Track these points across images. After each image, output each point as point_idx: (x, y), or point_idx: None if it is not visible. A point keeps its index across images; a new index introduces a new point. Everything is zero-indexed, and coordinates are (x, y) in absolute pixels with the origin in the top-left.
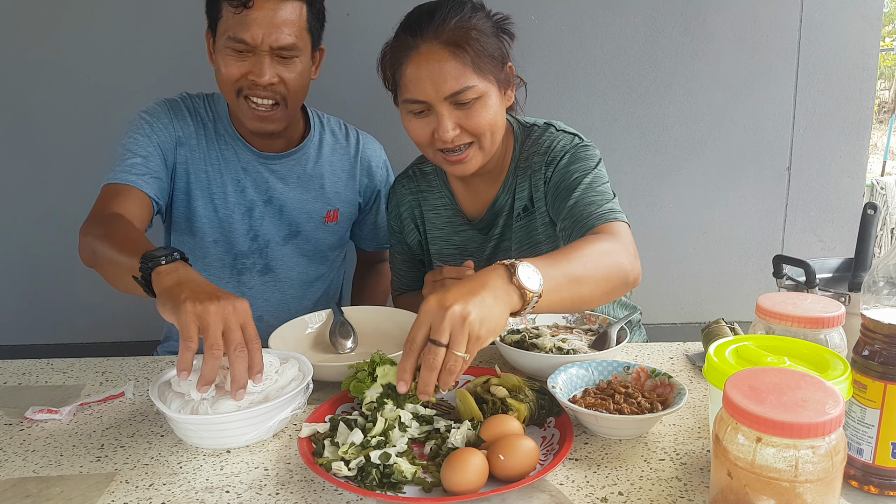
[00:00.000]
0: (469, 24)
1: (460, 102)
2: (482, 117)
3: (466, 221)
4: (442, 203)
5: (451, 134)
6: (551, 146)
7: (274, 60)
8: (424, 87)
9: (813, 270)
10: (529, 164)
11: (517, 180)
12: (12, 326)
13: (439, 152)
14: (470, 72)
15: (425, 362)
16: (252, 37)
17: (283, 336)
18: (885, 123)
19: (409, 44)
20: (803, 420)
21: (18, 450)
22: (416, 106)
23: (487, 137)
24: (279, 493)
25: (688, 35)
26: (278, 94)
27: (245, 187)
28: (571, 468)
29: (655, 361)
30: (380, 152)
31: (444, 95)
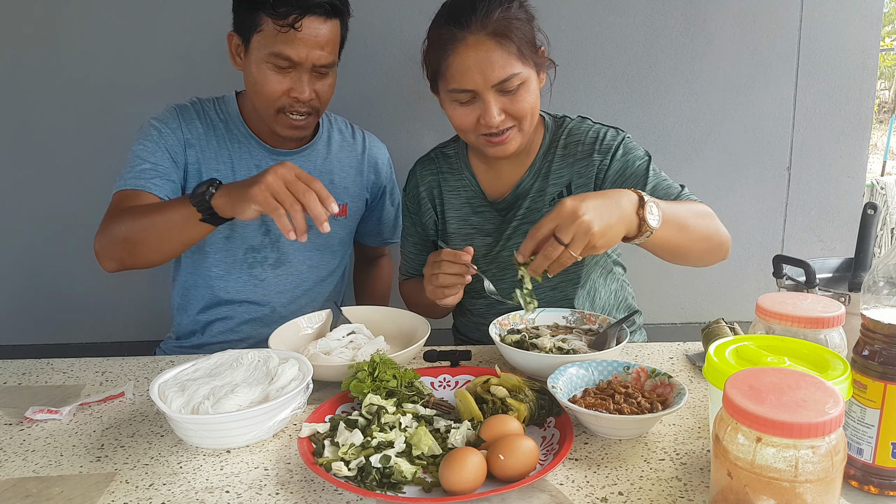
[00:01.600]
0: (510, 15)
1: (506, 89)
2: (526, 101)
3: (486, 202)
4: (462, 184)
5: (498, 119)
6: (599, 137)
7: (312, 77)
8: (472, 76)
9: (813, 270)
10: (570, 153)
11: (551, 166)
12: (12, 326)
13: (482, 136)
14: (514, 59)
15: (544, 252)
16: (298, 55)
17: (282, 336)
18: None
19: (455, 35)
20: (803, 420)
21: (18, 450)
22: (462, 95)
23: (528, 120)
24: (279, 493)
25: (688, 35)
26: (313, 108)
27: None
28: (571, 468)
29: (655, 361)
30: (384, 150)
31: (491, 83)
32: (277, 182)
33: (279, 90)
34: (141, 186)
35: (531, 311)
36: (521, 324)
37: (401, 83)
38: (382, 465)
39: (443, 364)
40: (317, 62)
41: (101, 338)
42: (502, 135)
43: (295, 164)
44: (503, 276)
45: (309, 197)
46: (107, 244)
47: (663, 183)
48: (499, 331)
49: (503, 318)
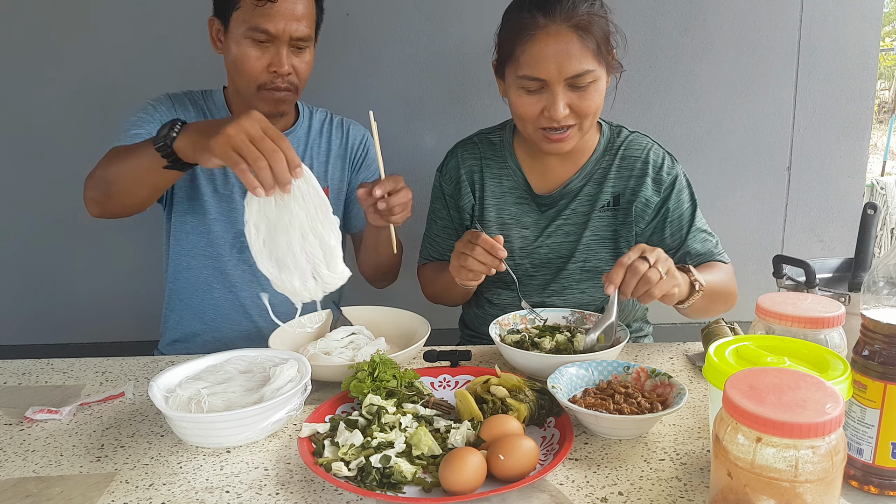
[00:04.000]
0: (594, 11)
1: (577, 85)
2: (593, 100)
3: (528, 195)
4: (505, 173)
5: (563, 113)
6: (657, 163)
7: (290, 51)
8: (547, 65)
9: (813, 270)
10: (627, 165)
11: (607, 174)
12: (12, 326)
13: (540, 130)
14: (591, 56)
15: (631, 269)
16: (275, 28)
17: (282, 336)
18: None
19: (538, 22)
20: (803, 420)
21: (18, 450)
22: (532, 83)
23: (590, 120)
24: (279, 493)
25: (688, 35)
26: (292, 84)
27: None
28: (571, 468)
29: (655, 361)
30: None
31: (565, 76)
32: (240, 135)
33: (259, 66)
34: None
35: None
36: (520, 324)
37: (400, 83)
38: (382, 465)
39: (443, 364)
40: (294, 34)
41: (101, 338)
42: (564, 132)
43: (264, 117)
44: (536, 273)
45: (275, 156)
46: (90, 187)
47: (700, 235)
48: (499, 331)
49: (503, 318)
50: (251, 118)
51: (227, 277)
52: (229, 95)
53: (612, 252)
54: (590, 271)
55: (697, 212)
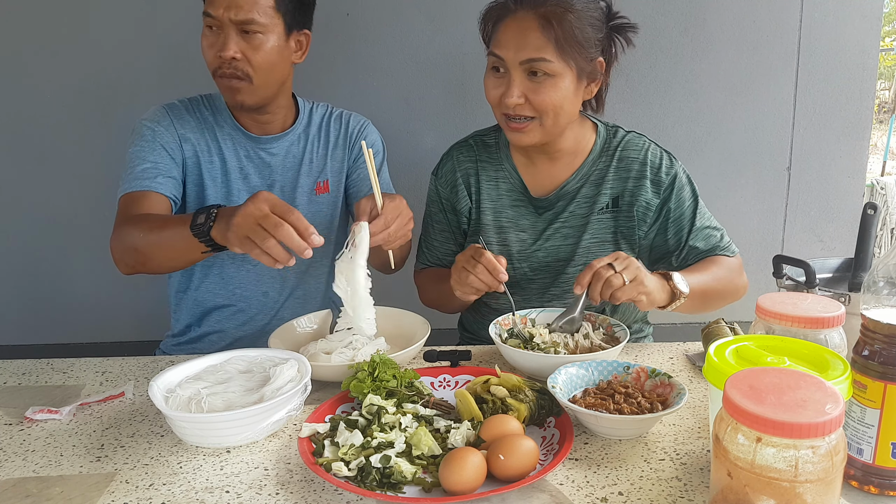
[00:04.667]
0: (568, 6)
1: (532, 72)
2: (548, 95)
3: (525, 198)
4: (501, 175)
5: (514, 100)
6: (656, 164)
7: (238, 36)
8: (507, 46)
9: (813, 270)
10: (625, 167)
11: (605, 175)
12: (12, 326)
13: (504, 116)
14: (551, 48)
15: (596, 274)
16: (216, 11)
17: (283, 336)
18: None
19: (509, 7)
20: (803, 420)
21: (18, 450)
22: (494, 59)
23: (549, 117)
24: (279, 493)
25: (688, 35)
26: (241, 71)
27: (248, 174)
28: (571, 468)
29: (655, 361)
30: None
31: (519, 60)
32: (247, 222)
33: (212, 52)
34: (145, 187)
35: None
36: (520, 323)
37: (400, 83)
38: (382, 465)
39: (443, 364)
40: (234, 17)
41: (101, 338)
42: (521, 121)
43: (271, 194)
44: (535, 277)
45: (281, 231)
46: (121, 251)
47: (703, 233)
48: (499, 331)
49: (503, 317)
50: (256, 200)
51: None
52: None
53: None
54: None
55: (700, 208)
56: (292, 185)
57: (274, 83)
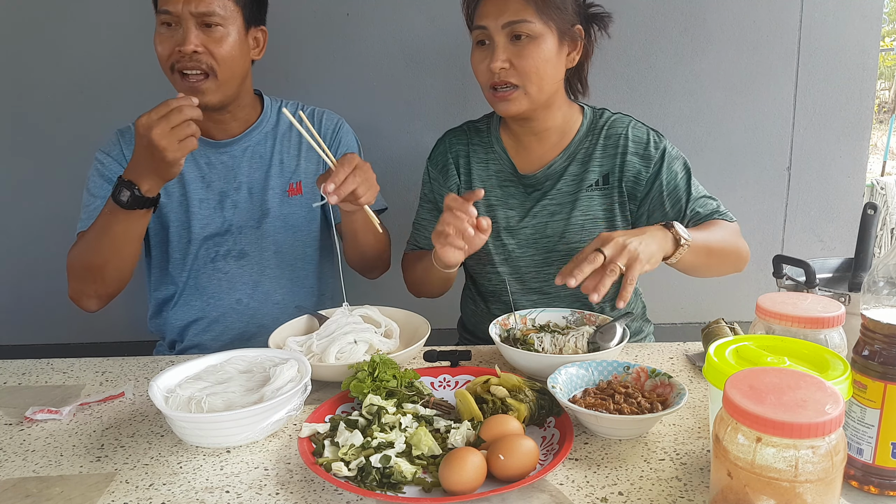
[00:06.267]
0: None
1: (515, 35)
2: (532, 58)
3: (514, 176)
4: (492, 157)
5: (500, 64)
6: (643, 140)
7: (199, 29)
8: (488, 13)
9: (813, 270)
10: (612, 144)
11: (591, 153)
12: (12, 326)
13: (490, 90)
14: (531, 10)
15: (587, 260)
16: (174, 7)
17: (283, 336)
18: (885, 123)
19: None
20: (803, 420)
21: (18, 450)
22: (478, 32)
23: (534, 83)
24: (279, 493)
25: (688, 35)
26: (205, 64)
27: (212, 182)
28: (571, 468)
29: (655, 361)
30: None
31: (501, 24)
32: (149, 132)
33: (167, 48)
34: None
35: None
36: (520, 324)
37: (401, 83)
38: (382, 465)
39: (443, 364)
40: (194, 10)
41: (101, 338)
42: (507, 89)
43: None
44: (522, 255)
45: (174, 115)
46: (77, 286)
47: (700, 201)
48: (499, 331)
49: (503, 317)
50: (141, 124)
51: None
52: None
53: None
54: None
55: (693, 179)
56: (261, 186)
57: (236, 79)
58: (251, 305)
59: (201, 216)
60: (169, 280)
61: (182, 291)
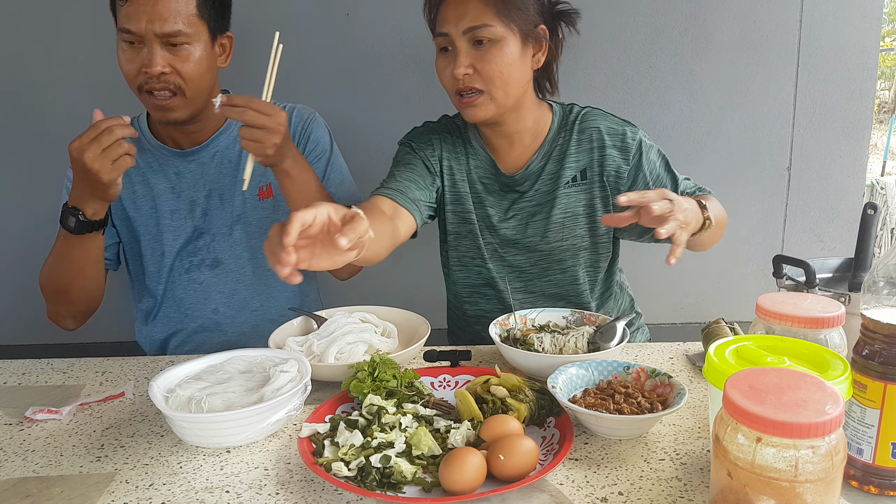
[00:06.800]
0: None
1: (477, 41)
2: (495, 62)
3: (493, 174)
4: (471, 152)
5: (463, 70)
6: (617, 133)
7: (164, 49)
8: (448, 19)
9: (813, 270)
10: (586, 138)
11: (566, 150)
12: (12, 326)
13: (456, 96)
14: (491, 13)
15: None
16: (136, 27)
17: (282, 336)
18: (885, 123)
19: None
20: (803, 420)
21: (18, 450)
22: (441, 39)
23: (498, 87)
24: (279, 493)
25: (688, 35)
26: (172, 85)
27: (182, 191)
28: (571, 468)
29: (655, 361)
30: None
31: (462, 29)
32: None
33: (133, 68)
34: None
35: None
36: (520, 324)
37: (401, 83)
38: (382, 465)
39: (443, 364)
40: (158, 31)
41: (101, 338)
42: (472, 95)
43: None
44: (505, 254)
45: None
46: (51, 307)
47: (685, 183)
48: (499, 331)
49: (503, 317)
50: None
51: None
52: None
53: (588, 228)
54: (568, 249)
55: (670, 164)
56: (231, 191)
57: (205, 92)
58: (228, 314)
59: (173, 227)
60: (147, 293)
61: (161, 304)
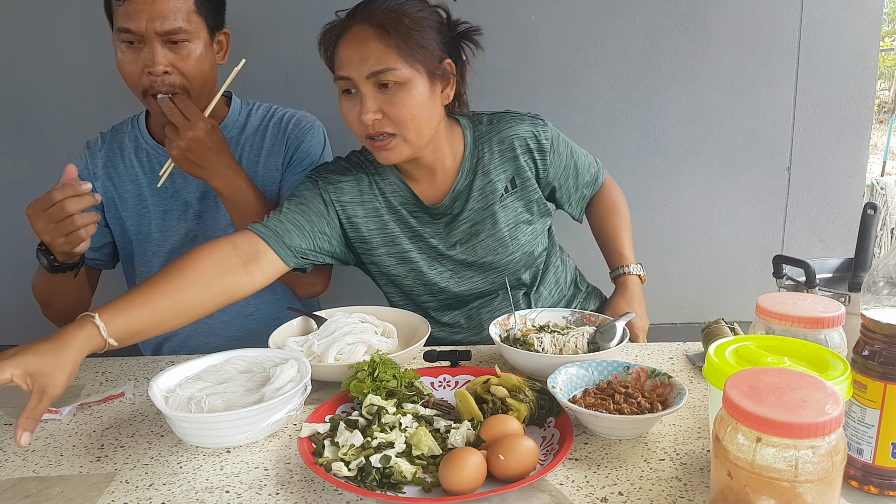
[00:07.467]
0: (402, 11)
1: (382, 83)
2: (404, 106)
3: (419, 207)
4: (390, 189)
5: (371, 116)
6: (532, 136)
7: (165, 48)
8: (350, 63)
9: (813, 270)
10: (508, 147)
11: (490, 161)
12: (12, 326)
13: (367, 139)
14: (394, 55)
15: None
16: (137, 26)
17: (282, 336)
18: (885, 123)
19: (343, 25)
20: (803, 420)
21: (18, 450)
22: (343, 83)
23: (411, 129)
24: (279, 493)
25: (688, 35)
26: (176, 86)
27: (177, 190)
28: (571, 468)
29: (655, 361)
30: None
31: (365, 74)
32: (33, 225)
33: (136, 69)
34: None
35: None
36: (520, 324)
37: None
38: (382, 465)
39: (443, 364)
40: (159, 30)
41: None
42: (384, 139)
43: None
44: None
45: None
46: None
47: (585, 172)
48: (499, 331)
49: (503, 317)
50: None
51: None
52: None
53: (532, 234)
54: (528, 254)
55: (573, 146)
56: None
57: (206, 90)
58: (223, 319)
59: (165, 227)
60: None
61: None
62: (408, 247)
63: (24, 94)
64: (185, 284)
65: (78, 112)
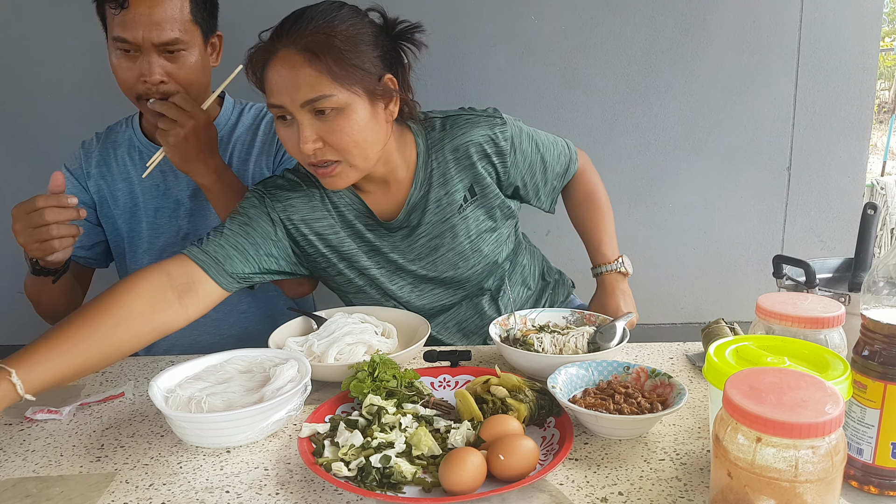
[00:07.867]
0: (332, 31)
1: (318, 110)
2: (345, 132)
3: (375, 222)
4: (344, 203)
5: (311, 146)
6: (491, 136)
7: (161, 57)
8: (282, 92)
9: (813, 270)
10: (463, 155)
11: (445, 171)
12: (12, 326)
13: (310, 167)
14: (328, 81)
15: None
16: (133, 36)
17: (282, 336)
18: (885, 123)
19: (268, 48)
20: (803, 420)
21: (18, 450)
22: (277, 111)
23: (355, 155)
24: (279, 493)
25: (688, 35)
26: (171, 94)
27: (168, 188)
28: (571, 468)
29: (655, 361)
30: None
31: (299, 102)
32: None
33: (131, 77)
34: None
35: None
36: (520, 324)
37: None
38: (382, 465)
39: (443, 364)
40: (156, 41)
41: None
42: (328, 166)
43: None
44: (425, 293)
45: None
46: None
47: (554, 159)
48: (499, 331)
49: (503, 317)
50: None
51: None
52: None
53: (496, 242)
54: (491, 264)
55: (539, 137)
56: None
57: (201, 94)
58: (215, 317)
59: (156, 225)
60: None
61: None
62: (366, 263)
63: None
64: (111, 324)
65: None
